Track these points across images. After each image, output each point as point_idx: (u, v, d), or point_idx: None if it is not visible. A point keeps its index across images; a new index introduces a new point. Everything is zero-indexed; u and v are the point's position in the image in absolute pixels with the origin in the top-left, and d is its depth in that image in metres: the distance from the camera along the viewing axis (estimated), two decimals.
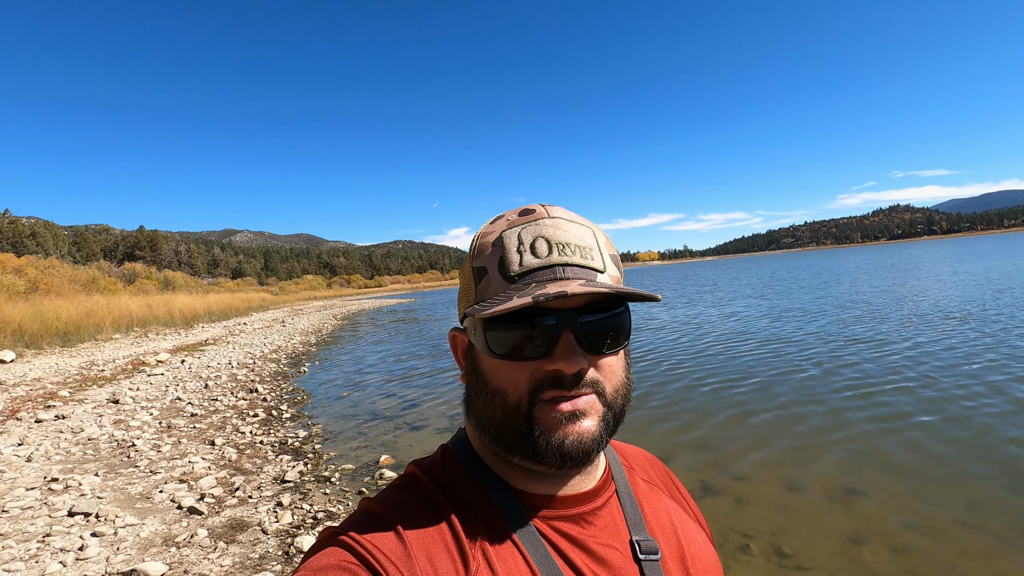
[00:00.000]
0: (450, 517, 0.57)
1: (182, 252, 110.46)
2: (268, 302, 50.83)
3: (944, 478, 3.99)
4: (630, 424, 5.66)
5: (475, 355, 0.62)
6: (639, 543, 0.61)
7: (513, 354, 0.56)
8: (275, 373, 10.98)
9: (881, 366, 7.44)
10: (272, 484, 4.56)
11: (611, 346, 0.58)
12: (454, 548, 0.55)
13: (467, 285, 0.63)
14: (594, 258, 0.59)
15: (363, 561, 0.51)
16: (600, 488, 0.64)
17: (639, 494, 0.68)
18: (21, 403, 7.46)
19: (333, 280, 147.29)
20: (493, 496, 0.60)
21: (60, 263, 34.01)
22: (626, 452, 0.76)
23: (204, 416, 7.01)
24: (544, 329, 0.55)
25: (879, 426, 5.12)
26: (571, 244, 0.58)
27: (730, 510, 3.76)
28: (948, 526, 3.34)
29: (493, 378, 0.58)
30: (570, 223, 0.60)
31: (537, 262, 0.57)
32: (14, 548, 3.26)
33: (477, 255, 0.61)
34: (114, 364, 11.53)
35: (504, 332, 0.56)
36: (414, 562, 0.52)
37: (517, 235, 0.59)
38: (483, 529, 0.57)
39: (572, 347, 0.55)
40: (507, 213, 0.64)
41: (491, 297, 0.58)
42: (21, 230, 67.35)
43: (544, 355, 0.55)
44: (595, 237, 0.62)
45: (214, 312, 30.17)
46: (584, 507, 0.61)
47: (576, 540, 0.59)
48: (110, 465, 4.97)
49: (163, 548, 3.35)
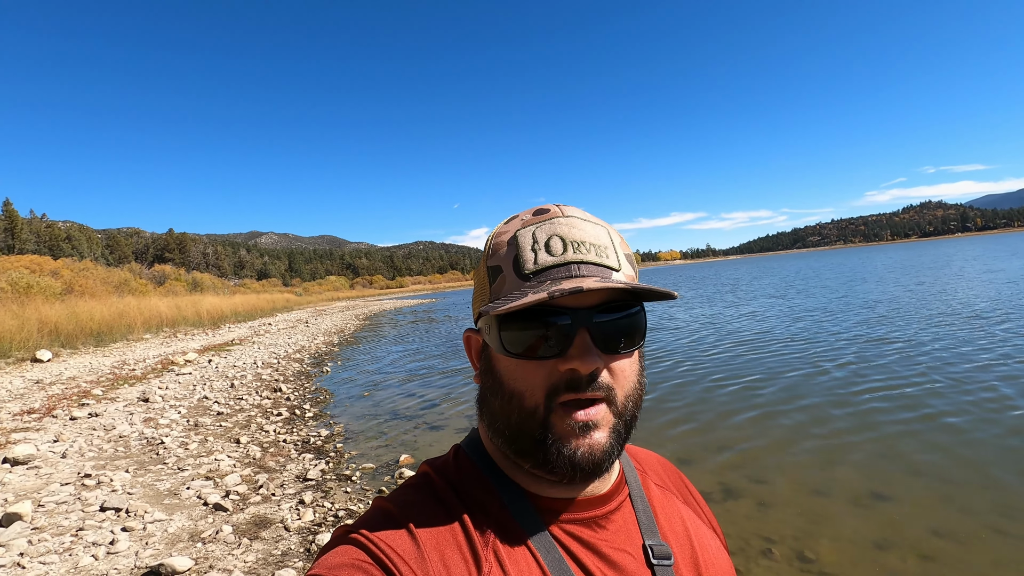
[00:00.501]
0: (463, 517, 0.57)
1: (209, 254, 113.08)
2: (292, 303, 51.73)
3: (975, 483, 3.87)
4: (651, 426, 5.65)
5: (490, 355, 0.61)
6: (652, 548, 0.61)
7: (528, 353, 0.56)
8: (298, 373, 11.17)
9: (908, 367, 7.24)
10: (295, 482, 4.64)
11: (626, 346, 0.58)
12: (466, 549, 0.55)
13: (482, 285, 0.63)
14: (609, 256, 0.59)
15: (376, 560, 0.52)
16: (613, 492, 0.64)
17: (652, 499, 0.68)
18: (57, 401, 7.72)
19: (355, 281, 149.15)
20: (505, 498, 0.60)
21: (94, 265, 35.15)
22: (639, 456, 0.75)
23: (230, 415, 7.17)
24: (559, 328, 0.55)
25: (906, 428, 4.99)
26: (586, 242, 0.58)
27: (752, 513, 3.70)
28: (980, 533, 3.23)
29: (509, 380, 0.58)
30: (585, 222, 0.60)
31: (552, 260, 0.57)
32: (49, 541, 3.38)
33: (492, 254, 0.61)
34: (144, 364, 11.86)
35: (519, 331, 0.56)
36: (427, 562, 0.52)
37: (532, 234, 0.59)
38: (495, 530, 0.57)
39: (587, 346, 0.55)
40: (521, 213, 0.65)
41: (506, 295, 0.57)
42: (58, 234, 69.81)
43: (559, 354, 0.55)
44: (610, 236, 0.61)
45: (240, 313, 30.84)
46: (597, 511, 0.61)
47: (589, 544, 0.59)
48: (140, 462, 5.12)
49: (189, 543, 3.44)
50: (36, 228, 67.26)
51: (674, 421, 5.83)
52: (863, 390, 6.38)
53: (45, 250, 57.38)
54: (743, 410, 6.02)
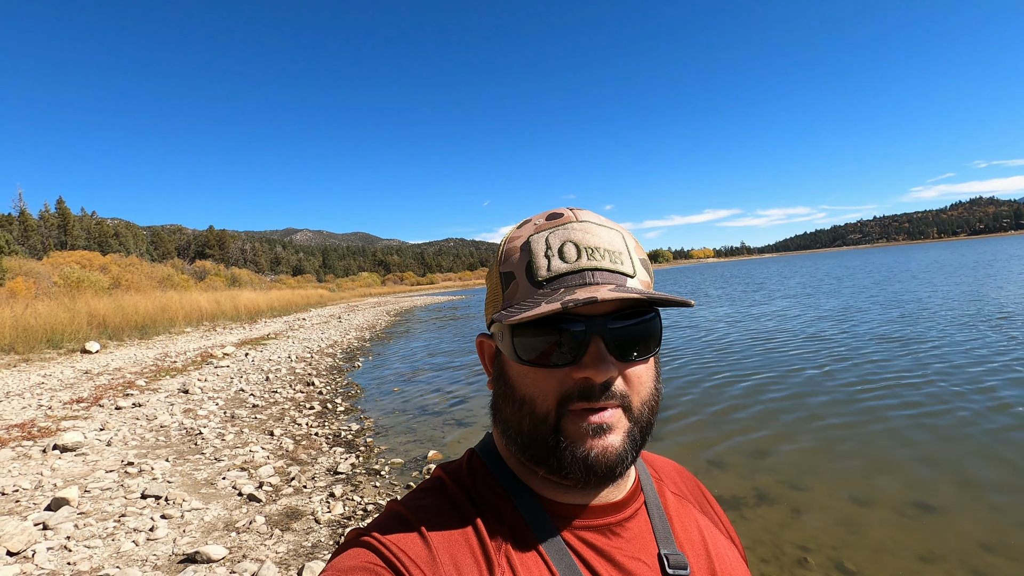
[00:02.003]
0: (476, 521, 0.57)
1: (247, 250, 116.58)
2: (326, 298, 52.84)
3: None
4: (683, 428, 5.54)
5: (502, 361, 0.61)
6: (667, 557, 0.60)
7: (541, 360, 0.55)
8: (331, 367, 11.39)
9: (957, 373, 6.90)
10: (325, 475, 4.72)
11: (641, 353, 0.57)
12: (479, 552, 0.54)
13: (494, 290, 0.63)
14: (624, 262, 0.58)
15: (388, 563, 0.52)
16: (628, 499, 0.63)
17: (668, 507, 0.67)
18: (104, 391, 8.07)
19: (387, 277, 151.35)
20: (518, 503, 0.59)
21: (139, 261, 36.66)
22: (656, 464, 0.74)
23: (264, 407, 7.36)
24: (572, 336, 0.54)
25: (953, 435, 4.76)
26: (600, 248, 0.57)
27: (787, 521, 3.58)
28: None
29: (521, 386, 0.57)
30: (599, 227, 0.59)
31: (566, 267, 0.56)
32: (94, 526, 3.52)
33: (504, 260, 0.61)
34: (185, 356, 12.29)
35: (532, 338, 0.55)
36: (439, 565, 0.52)
37: (545, 239, 0.58)
38: (508, 535, 0.57)
39: (602, 354, 0.54)
40: (534, 217, 0.64)
41: (519, 303, 0.57)
42: (106, 230, 73.04)
43: (572, 362, 0.54)
44: (624, 241, 0.60)
45: (276, 308, 31.66)
46: (611, 518, 0.60)
47: (603, 551, 0.58)
48: (179, 451, 5.29)
49: (224, 532, 3.54)
50: (87, 225, 70.46)
51: (709, 423, 5.71)
52: (907, 396, 6.11)
53: (95, 246, 60.11)
54: (780, 413, 5.85)
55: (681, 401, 6.58)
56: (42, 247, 53.02)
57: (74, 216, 67.00)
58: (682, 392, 7.01)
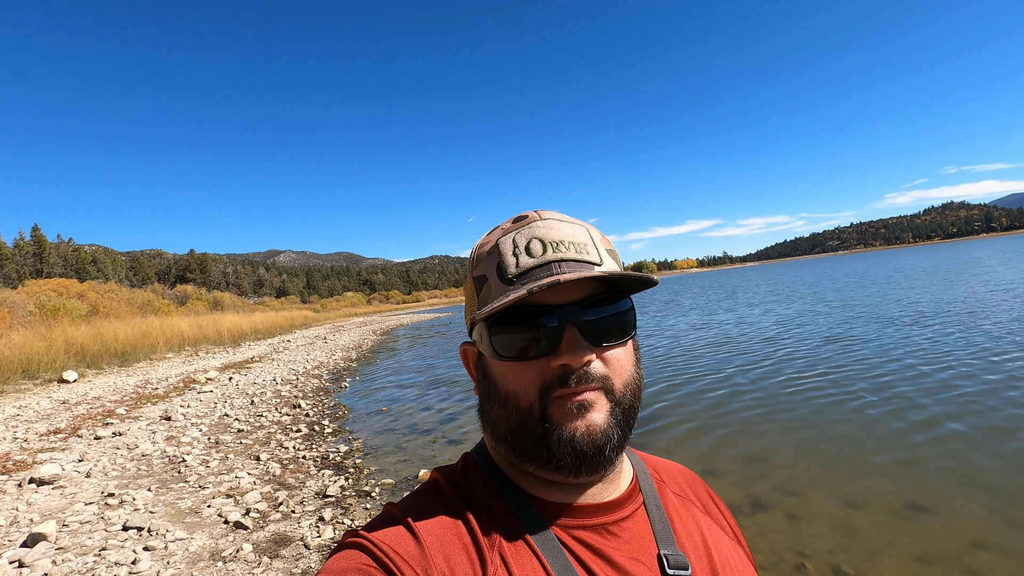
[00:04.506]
0: (469, 521, 0.58)
1: (229, 273, 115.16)
2: (311, 319, 52.22)
3: (1021, 491, 3.69)
4: (673, 436, 5.52)
5: (485, 364, 0.63)
6: (667, 557, 0.60)
7: (520, 356, 0.57)
8: (317, 389, 11.21)
9: (940, 375, 7.01)
10: (314, 499, 4.61)
11: (616, 337, 0.59)
12: (472, 549, 0.55)
13: (471, 296, 0.65)
14: (589, 252, 0.60)
15: (379, 563, 0.52)
16: (625, 499, 0.63)
17: (669, 507, 0.67)
18: (82, 421, 7.83)
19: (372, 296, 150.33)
20: (511, 503, 0.60)
21: (118, 287, 35.91)
22: (658, 465, 0.74)
23: (250, 432, 7.19)
24: (547, 330, 0.56)
25: (943, 435, 4.81)
26: (565, 241, 0.60)
27: (783, 527, 3.57)
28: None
29: (504, 383, 0.59)
30: (562, 223, 0.62)
31: (533, 262, 0.58)
32: (73, 561, 3.38)
33: (476, 264, 0.64)
34: (167, 382, 12.01)
35: (509, 335, 0.58)
36: (430, 562, 0.53)
37: (512, 240, 0.61)
38: (501, 533, 0.57)
39: (576, 341, 0.56)
40: (503, 223, 0.67)
41: (491, 301, 0.59)
42: (84, 257, 71.68)
43: (550, 352, 0.56)
44: (589, 234, 0.63)
45: (260, 330, 31.20)
46: (606, 517, 0.61)
47: (598, 551, 0.58)
48: (162, 480, 5.14)
49: (210, 563, 3.42)
50: (63, 252, 69.06)
51: (698, 431, 5.70)
52: (892, 397, 6.18)
53: (72, 273, 58.90)
54: (769, 420, 5.87)
55: (665, 407, 6.57)
56: (17, 276, 51.80)
57: (50, 243, 65.66)
58: (670, 399, 7.01)
